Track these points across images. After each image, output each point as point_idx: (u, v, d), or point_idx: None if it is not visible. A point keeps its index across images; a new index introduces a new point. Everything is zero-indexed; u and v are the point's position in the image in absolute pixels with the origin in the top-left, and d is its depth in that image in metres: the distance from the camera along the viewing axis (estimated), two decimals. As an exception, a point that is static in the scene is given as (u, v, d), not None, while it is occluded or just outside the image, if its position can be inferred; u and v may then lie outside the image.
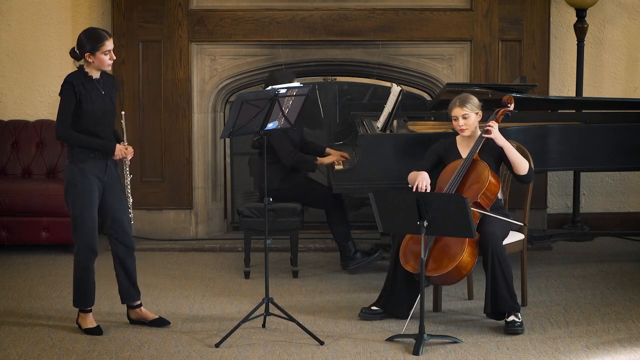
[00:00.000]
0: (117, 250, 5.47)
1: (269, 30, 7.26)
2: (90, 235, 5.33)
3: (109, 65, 5.29)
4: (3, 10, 7.46)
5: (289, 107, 5.42)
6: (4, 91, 7.55)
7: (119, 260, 5.48)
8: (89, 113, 5.26)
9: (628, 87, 7.57)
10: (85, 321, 5.44)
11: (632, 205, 7.68)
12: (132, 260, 5.51)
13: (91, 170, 5.30)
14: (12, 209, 6.98)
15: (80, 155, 5.29)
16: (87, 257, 5.36)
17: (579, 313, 5.77)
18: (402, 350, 5.17)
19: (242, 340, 5.30)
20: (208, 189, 7.47)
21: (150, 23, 7.21)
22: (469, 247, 5.37)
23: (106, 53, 5.24)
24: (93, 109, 5.26)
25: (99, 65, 5.26)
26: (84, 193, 5.30)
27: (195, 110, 7.37)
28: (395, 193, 5.32)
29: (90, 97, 5.25)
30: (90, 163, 5.30)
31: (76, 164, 5.30)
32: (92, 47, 5.22)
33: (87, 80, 5.27)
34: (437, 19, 7.24)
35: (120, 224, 5.43)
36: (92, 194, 5.32)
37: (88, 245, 5.34)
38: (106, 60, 5.25)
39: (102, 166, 5.34)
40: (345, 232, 6.57)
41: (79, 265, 5.38)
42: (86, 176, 5.29)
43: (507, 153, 5.59)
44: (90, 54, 5.23)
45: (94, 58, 5.24)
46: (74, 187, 5.30)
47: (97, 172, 5.33)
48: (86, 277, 5.39)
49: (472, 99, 5.65)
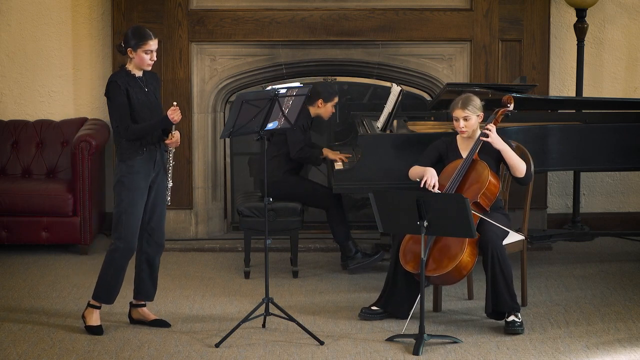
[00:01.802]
0: (147, 248, 5.48)
1: (269, 30, 7.26)
2: (132, 234, 5.35)
3: (149, 65, 5.33)
4: (3, 10, 7.46)
5: (289, 107, 5.42)
6: (4, 91, 7.55)
7: (146, 256, 5.49)
8: (136, 109, 5.30)
9: (628, 87, 7.57)
10: (92, 317, 5.43)
11: (632, 205, 7.68)
12: (159, 259, 5.54)
13: (140, 167, 5.33)
14: (12, 209, 6.98)
15: (128, 153, 5.32)
16: (125, 255, 5.37)
17: (579, 313, 5.77)
18: (402, 350, 5.17)
19: (242, 340, 5.30)
20: (208, 189, 7.47)
21: (150, 23, 7.20)
22: (468, 247, 5.37)
23: (147, 52, 5.30)
24: (139, 105, 5.31)
25: (138, 63, 5.31)
26: (130, 190, 5.32)
27: (195, 110, 7.37)
28: (395, 193, 5.32)
29: (135, 93, 5.30)
30: (139, 160, 5.33)
31: (125, 161, 5.33)
32: (135, 44, 5.28)
33: (130, 78, 5.33)
34: (437, 19, 7.24)
35: (158, 223, 5.47)
36: (140, 192, 5.35)
37: (128, 243, 5.35)
38: (146, 59, 5.31)
39: (151, 164, 5.37)
40: (345, 232, 6.57)
41: (114, 262, 5.37)
42: (134, 173, 5.32)
43: (505, 156, 5.59)
44: (133, 50, 5.29)
45: (135, 55, 5.29)
46: (121, 183, 5.34)
47: (147, 169, 5.35)
48: (118, 275, 5.40)
49: (474, 101, 5.65)
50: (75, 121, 7.45)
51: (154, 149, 5.38)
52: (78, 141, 6.95)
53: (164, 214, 5.51)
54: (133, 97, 5.30)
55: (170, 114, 5.28)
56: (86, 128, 7.23)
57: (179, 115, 5.31)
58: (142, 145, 5.33)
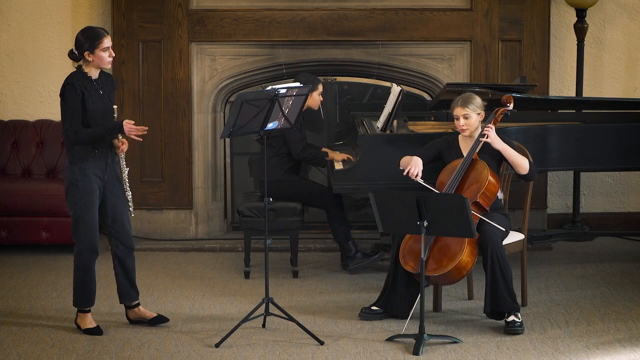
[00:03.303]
0: (116, 250, 5.47)
1: (269, 30, 7.26)
2: (91, 236, 5.33)
3: (109, 62, 5.27)
4: (3, 10, 7.46)
5: (289, 107, 5.42)
6: (4, 91, 7.55)
7: (118, 259, 5.48)
8: (90, 113, 5.25)
9: (628, 87, 7.57)
10: (85, 321, 5.44)
11: (632, 205, 7.68)
12: (132, 260, 5.51)
13: (92, 169, 5.30)
14: (12, 209, 6.98)
15: (80, 155, 5.28)
16: (89, 257, 5.35)
17: (579, 313, 5.77)
18: (402, 350, 5.16)
19: (242, 340, 5.30)
20: (208, 189, 7.47)
21: (150, 23, 7.21)
22: (468, 247, 5.37)
23: (105, 50, 5.23)
24: (93, 109, 5.26)
25: (98, 64, 5.25)
26: (85, 193, 5.29)
27: (195, 110, 7.37)
28: (395, 193, 5.32)
29: (90, 97, 5.25)
30: (91, 162, 5.29)
31: (77, 163, 5.29)
32: (90, 45, 5.21)
33: (86, 81, 5.26)
34: (437, 19, 7.24)
35: (120, 224, 5.43)
36: (93, 194, 5.31)
37: (89, 245, 5.33)
38: (105, 57, 5.25)
39: (102, 165, 5.34)
40: (345, 232, 6.57)
41: (80, 266, 5.37)
42: (87, 175, 5.28)
43: (506, 155, 5.59)
44: (90, 53, 5.22)
45: (94, 56, 5.23)
46: (75, 187, 5.29)
47: (98, 172, 5.32)
48: (87, 278, 5.39)
49: (474, 100, 5.65)
50: (75, 121, 7.45)
51: (105, 151, 5.33)
52: (78, 141, 6.95)
53: (127, 216, 5.45)
54: (88, 101, 5.23)
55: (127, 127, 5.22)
56: (86, 128, 7.23)
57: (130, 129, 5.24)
58: (94, 148, 5.29)
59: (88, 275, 5.38)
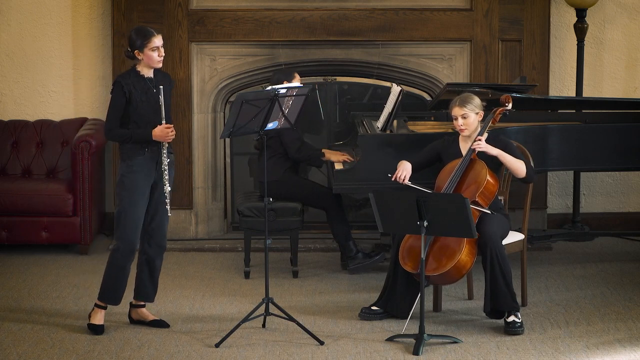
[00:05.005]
0: (148, 249, 5.47)
1: (269, 30, 7.26)
2: (133, 234, 5.34)
3: (158, 61, 5.32)
4: (3, 10, 7.46)
5: (289, 107, 5.42)
6: (4, 91, 7.55)
7: (147, 258, 5.48)
8: (139, 111, 5.29)
9: (628, 87, 7.57)
10: (96, 316, 5.44)
11: (632, 205, 7.68)
12: (160, 261, 5.54)
13: (140, 167, 5.32)
14: (12, 209, 6.98)
15: (129, 153, 5.32)
16: (126, 255, 5.36)
17: (579, 313, 5.77)
18: (402, 350, 5.17)
19: (242, 340, 5.30)
20: (208, 189, 7.47)
21: (150, 23, 7.19)
22: (467, 246, 5.37)
23: (154, 49, 5.29)
24: (144, 107, 5.30)
25: (148, 62, 5.31)
26: (129, 190, 5.31)
27: (195, 110, 7.37)
28: (395, 193, 5.32)
29: (139, 95, 5.28)
30: (140, 160, 5.32)
31: (125, 161, 5.34)
32: (140, 44, 5.27)
33: (138, 79, 5.31)
34: (437, 19, 7.24)
35: (159, 223, 5.45)
36: (139, 191, 5.33)
37: (129, 243, 5.34)
38: (155, 56, 5.30)
39: (152, 164, 5.35)
40: (345, 232, 6.57)
41: (114, 262, 5.37)
42: (134, 172, 5.31)
43: (502, 160, 5.59)
44: (140, 51, 5.29)
45: (143, 55, 5.29)
46: (121, 183, 5.34)
47: (147, 170, 5.34)
48: (121, 275, 5.39)
49: (472, 99, 5.65)
50: (75, 121, 7.45)
51: (156, 150, 5.37)
52: (78, 141, 6.96)
53: (166, 216, 5.48)
54: (136, 100, 5.28)
55: (159, 131, 5.25)
56: (86, 128, 7.24)
57: (166, 135, 5.25)
58: (143, 146, 5.33)
59: (121, 273, 5.39)
